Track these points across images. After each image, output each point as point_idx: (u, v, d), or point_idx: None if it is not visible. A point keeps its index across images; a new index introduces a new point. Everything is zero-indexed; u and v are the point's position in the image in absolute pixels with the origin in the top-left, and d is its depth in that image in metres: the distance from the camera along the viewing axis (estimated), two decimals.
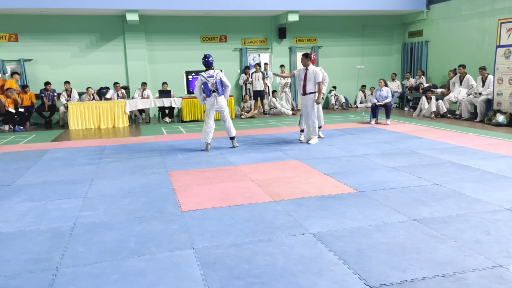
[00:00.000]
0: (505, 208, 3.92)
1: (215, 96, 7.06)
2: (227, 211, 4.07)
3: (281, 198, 4.43)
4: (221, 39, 13.24)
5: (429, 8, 13.29)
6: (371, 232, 3.46)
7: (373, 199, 4.31)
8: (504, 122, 9.07)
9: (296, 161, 6.23)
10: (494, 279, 2.65)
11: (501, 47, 9.44)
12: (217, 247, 3.25)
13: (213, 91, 7.04)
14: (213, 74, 7.00)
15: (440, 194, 4.40)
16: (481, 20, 11.47)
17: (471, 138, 7.69)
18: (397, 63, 14.87)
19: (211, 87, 7.03)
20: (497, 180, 4.88)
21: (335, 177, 5.24)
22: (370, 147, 7.07)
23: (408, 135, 8.20)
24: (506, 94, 9.37)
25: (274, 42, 13.63)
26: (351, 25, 14.16)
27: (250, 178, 5.29)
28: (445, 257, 2.95)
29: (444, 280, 2.64)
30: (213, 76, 6.99)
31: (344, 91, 14.26)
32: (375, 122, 10.07)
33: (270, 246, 3.22)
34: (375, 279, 2.69)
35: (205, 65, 7.08)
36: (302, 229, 3.56)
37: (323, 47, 14.07)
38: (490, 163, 5.69)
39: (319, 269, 2.85)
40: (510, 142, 7.15)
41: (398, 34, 14.68)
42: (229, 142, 7.73)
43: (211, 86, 7.01)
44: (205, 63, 7.06)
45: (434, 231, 3.43)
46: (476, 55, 11.66)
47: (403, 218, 3.75)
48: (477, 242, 3.20)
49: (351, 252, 3.08)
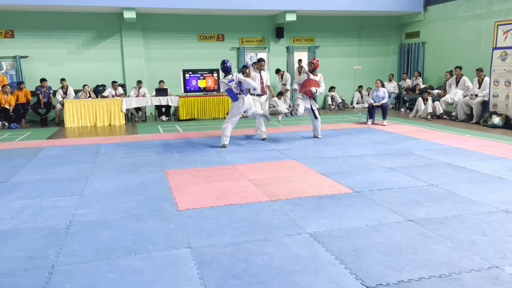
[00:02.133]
0: (501, 210, 3.94)
1: (242, 98, 7.25)
2: (223, 210, 4.06)
3: (277, 198, 4.43)
4: (219, 38, 13.22)
5: (426, 9, 13.33)
6: (368, 232, 3.47)
7: (370, 199, 4.32)
8: (499, 124, 9.11)
9: (293, 160, 6.23)
10: (490, 280, 2.66)
11: (497, 49, 9.48)
12: (213, 246, 3.24)
13: (238, 93, 7.23)
14: (233, 78, 7.20)
15: (436, 195, 4.42)
16: (478, 22, 11.53)
17: (467, 139, 7.72)
18: (394, 64, 14.92)
19: (235, 91, 7.21)
20: (492, 181, 4.90)
21: (331, 177, 5.24)
22: (366, 148, 7.08)
23: (404, 136, 8.22)
24: (502, 96, 9.41)
25: (272, 41, 13.63)
26: (348, 25, 14.18)
27: (247, 177, 5.29)
28: (441, 258, 2.97)
29: (440, 281, 2.65)
30: (233, 80, 7.19)
31: (341, 92, 14.29)
32: (371, 123, 10.09)
33: (266, 246, 3.22)
34: (371, 279, 2.70)
35: (223, 71, 7.29)
36: (298, 229, 3.56)
37: (320, 47, 14.08)
38: (485, 164, 5.72)
39: (316, 268, 2.85)
40: (506, 144, 7.19)
41: (395, 35, 14.72)
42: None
43: (235, 89, 7.20)
44: (224, 69, 7.27)
45: (430, 232, 3.44)
46: (472, 56, 11.71)
47: (399, 219, 3.76)
48: (473, 243, 3.21)
49: (347, 252, 3.09)
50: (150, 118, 12.23)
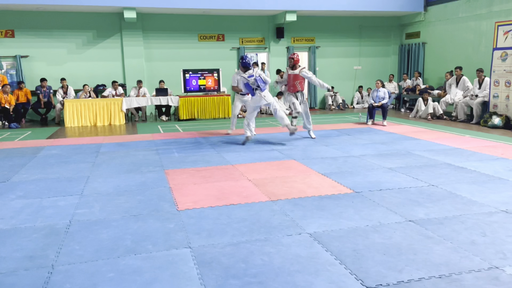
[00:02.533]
0: (501, 210, 3.93)
1: (259, 93, 7.33)
2: (223, 210, 4.06)
3: (277, 198, 4.42)
4: (219, 38, 13.22)
5: (426, 10, 13.33)
6: (368, 232, 3.46)
7: (370, 200, 4.31)
8: (500, 124, 9.11)
9: (293, 161, 6.23)
10: (490, 280, 2.66)
11: (498, 50, 9.48)
12: (213, 246, 3.24)
13: (255, 88, 7.33)
14: (253, 73, 7.31)
15: (436, 195, 4.42)
16: (478, 22, 11.53)
17: (467, 140, 7.72)
18: (394, 64, 14.92)
19: (252, 86, 7.32)
20: (492, 182, 4.90)
21: (331, 177, 5.24)
22: (366, 148, 7.08)
23: (404, 136, 8.22)
24: (502, 96, 9.41)
25: (272, 41, 13.63)
26: (348, 25, 14.18)
27: (247, 178, 5.29)
28: (441, 258, 2.96)
29: (440, 281, 2.65)
30: (253, 75, 7.30)
31: (341, 92, 14.28)
32: (371, 123, 10.09)
33: (266, 246, 3.22)
34: (371, 279, 2.69)
35: (244, 66, 7.39)
36: (298, 229, 3.56)
37: (320, 47, 14.08)
38: (486, 165, 5.71)
39: (316, 269, 2.85)
40: (506, 145, 7.19)
41: (396, 35, 14.72)
42: (228, 139, 7.84)
43: (252, 84, 7.30)
44: (244, 64, 7.38)
45: (430, 232, 3.44)
46: (472, 57, 11.71)
47: (399, 219, 3.76)
48: (473, 243, 3.21)
49: (347, 252, 3.09)
50: (150, 118, 12.23)
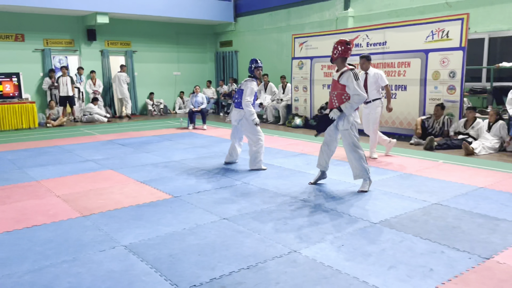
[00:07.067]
0: (300, 200, 4.49)
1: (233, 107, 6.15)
2: (24, 234, 3.56)
3: (91, 212, 4.11)
4: (17, 37, 11.61)
5: (236, 20, 14.35)
6: (184, 235, 3.51)
7: (188, 203, 4.39)
8: (301, 124, 10.44)
9: (110, 171, 5.90)
10: (289, 263, 2.99)
11: (295, 59, 10.85)
12: (9, 276, 2.81)
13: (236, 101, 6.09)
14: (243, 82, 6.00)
15: (248, 192, 4.77)
16: (280, 34, 12.97)
17: (276, 139, 8.60)
18: (212, 71, 15.61)
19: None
20: (294, 175, 5.56)
21: (151, 184, 5.15)
22: (187, 152, 7.21)
23: (223, 139, 8.67)
24: (302, 100, 10.81)
25: (83, 44, 12.66)
26: (165, 31, 14.22)
27: (54, 194, 4.76)
28: (250, 250, 3.20)
29: (248, 272, 2.86)
30: (241, 84, 6.04)
31: (163, 97, 14.24)
32: (192, 128, 10.34)
33: (75, 266, 2.95)
34: (186, 281, 2.73)
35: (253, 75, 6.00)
36: (113, 243, 3.37)
37: (137, 52, 13.74)
38: (289, 161, 6.46)
39: (129, 281, 2.73)
40: (305, 142, 8.27)
41: (211, 43, 15.43)
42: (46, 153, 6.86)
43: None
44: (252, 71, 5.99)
45: (241, 227, 3.69)
46: (277, 65, 13.11)
47: (214, 218, 3.92)
48: (276, 232, 3.57)
49: (163, 259, 3.06)
50: None
